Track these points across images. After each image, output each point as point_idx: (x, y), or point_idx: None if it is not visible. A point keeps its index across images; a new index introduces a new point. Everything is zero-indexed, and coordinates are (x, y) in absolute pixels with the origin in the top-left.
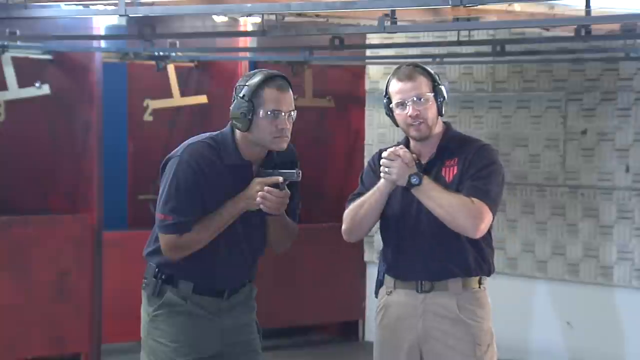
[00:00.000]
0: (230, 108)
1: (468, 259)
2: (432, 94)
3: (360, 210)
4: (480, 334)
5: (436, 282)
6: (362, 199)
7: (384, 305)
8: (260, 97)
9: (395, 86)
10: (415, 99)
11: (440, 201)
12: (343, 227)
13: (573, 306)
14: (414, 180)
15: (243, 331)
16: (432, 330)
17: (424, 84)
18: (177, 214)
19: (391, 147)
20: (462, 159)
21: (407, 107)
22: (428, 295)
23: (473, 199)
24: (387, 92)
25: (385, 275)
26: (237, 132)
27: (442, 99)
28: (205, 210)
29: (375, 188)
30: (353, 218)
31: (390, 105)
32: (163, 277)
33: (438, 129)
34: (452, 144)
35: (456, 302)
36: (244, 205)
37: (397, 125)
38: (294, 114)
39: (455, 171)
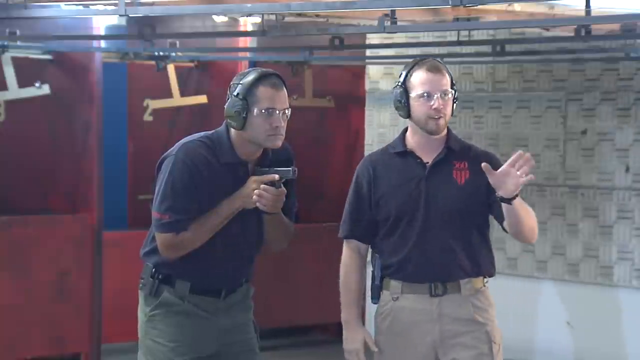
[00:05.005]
0: (225, 107)
1: (478, 258)
2: (453, 92)
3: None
4: (494, 332)
5: (448, 283)
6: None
7: (392, 311)
8: (255, 95)
9: (422, 76)
10: (442, 93)
11: (528, 209)
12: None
13: (573, 306)
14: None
15: (240, 331)
16: (449, 333)
17: (448, 80)
18: (174, 213)
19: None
20: (472, 165)
21: (434, 99)
22: (442, 299)
23: None
24: (404, 82)
25: (388, 279)
26: (232, 130)
27: (456, 99)
28: (202, 209)
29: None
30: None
31: (410, 95)
32: (160, 277)
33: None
34: (457, 146)
35: (471, 304)
36: (241, 204)
37: (406, 117)
38: (288, 112)
39: (467, 175)
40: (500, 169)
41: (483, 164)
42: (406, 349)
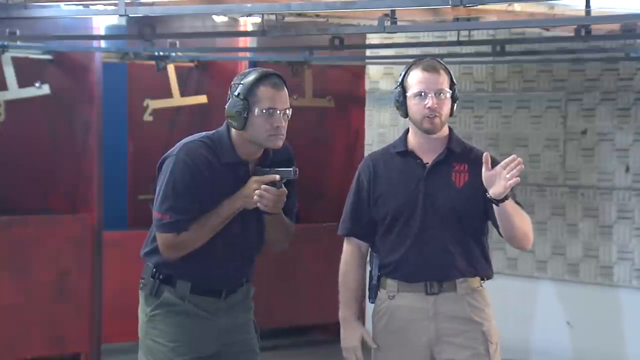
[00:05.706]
0: (226, 107)
1: (475, 260)
2: (451, 91)
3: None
4: (491, 332)
5: (445, 282)
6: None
7: (388, 309)
8: (256, 95)
9: (418, 76)
10: (437, 92)
11: (523, 214)
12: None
13: (573, 306)
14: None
15: (241, 331)
16: (444, 331)
17: (445, 79)
18: (175, 213)
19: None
20: (471, 167)
21: (428, 98)
22: (438, 297)
23: None
24: (402, 82)
25: (385, 278)
26: (233, 130)
27: (456, 99)
28: (203, 209)
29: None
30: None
31: (407, 94)
32: (161, 277)
33: (445, 130)
34: (459, 148)
35: (467, 302)
36: (242, 204)
37: (405, 116)
38: (289, 112)
39: (466, 178)
40: (493, 169)
41: (485, 154)
42: (402, 348)
